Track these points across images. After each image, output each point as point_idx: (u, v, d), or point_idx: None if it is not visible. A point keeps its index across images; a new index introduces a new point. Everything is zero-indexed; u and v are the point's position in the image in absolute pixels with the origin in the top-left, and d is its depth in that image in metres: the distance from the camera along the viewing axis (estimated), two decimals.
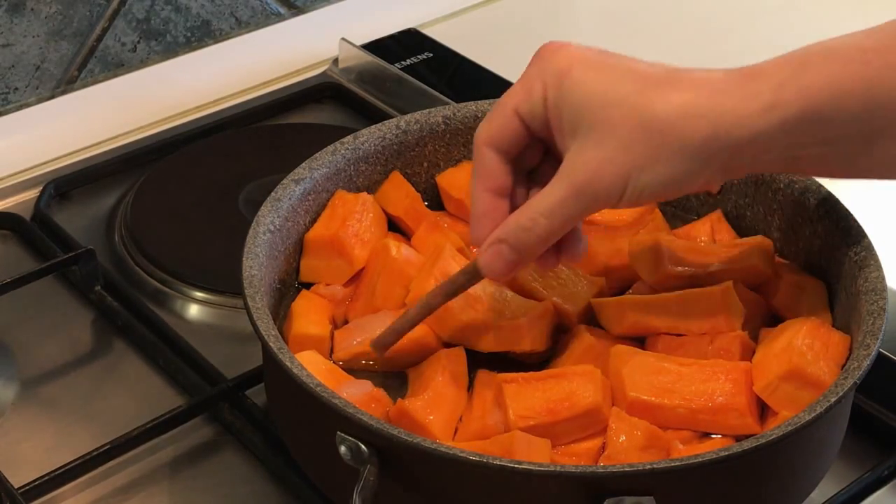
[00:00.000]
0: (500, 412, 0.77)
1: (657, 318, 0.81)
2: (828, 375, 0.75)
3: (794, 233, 0.86)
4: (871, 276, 0.78)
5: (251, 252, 0.80)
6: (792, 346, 0.76)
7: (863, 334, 0.75)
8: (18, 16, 1.17)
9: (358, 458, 0.70)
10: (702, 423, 0.76)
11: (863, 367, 0.72)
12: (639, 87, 0.71)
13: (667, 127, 0.70)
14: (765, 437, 0.69)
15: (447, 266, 0.83)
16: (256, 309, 0.76)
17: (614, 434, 0.75)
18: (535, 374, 0.78)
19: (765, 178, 0.87)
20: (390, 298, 0.84)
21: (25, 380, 0.93)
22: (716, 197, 0.90)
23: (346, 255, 0.87)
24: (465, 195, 0.91)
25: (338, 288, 0.87)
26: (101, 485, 0.85)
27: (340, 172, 0.90)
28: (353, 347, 0.83)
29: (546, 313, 0.82)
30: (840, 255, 0.82)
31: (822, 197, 0.84)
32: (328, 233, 0.87)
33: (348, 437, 0.70)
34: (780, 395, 0.75)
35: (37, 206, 1.07)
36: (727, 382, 0.76)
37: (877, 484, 0.84)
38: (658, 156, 0.70)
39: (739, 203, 0.89)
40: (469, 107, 0.93)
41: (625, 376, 0.77)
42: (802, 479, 0.76)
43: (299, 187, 0.87)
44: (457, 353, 0.81)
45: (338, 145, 0.90)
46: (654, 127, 0.70)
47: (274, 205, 0.84)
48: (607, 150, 0.71)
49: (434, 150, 0.93)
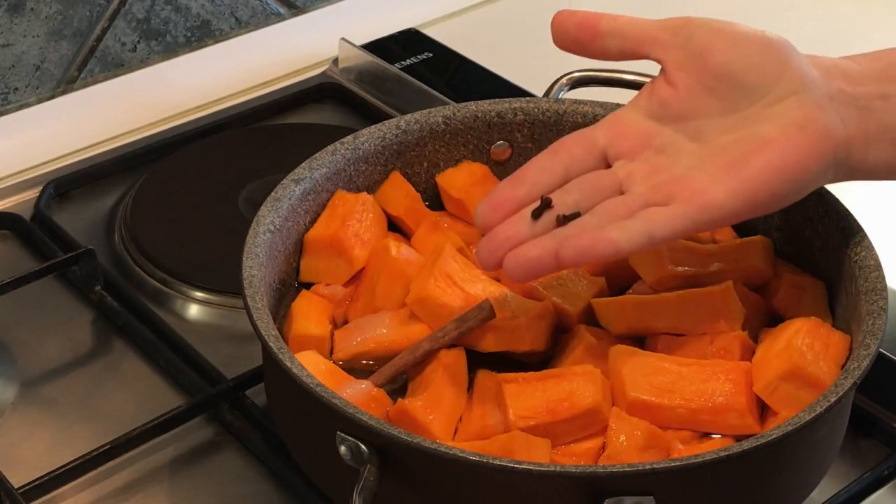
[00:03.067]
0: (500, 412, 0.77)
1: (657, 318, 0.81)
2: (828, 375, 0.75)
3: (794, 232, 0.86)
4: (870, 276, 0.78)
5: (251, 252, 0.80)
6: (792, 345, 0.76)
7: (863, 334, 0.75)
8: (18, 16, 1.17)
9: (358, 458, 0.70)
10: (702, 423, 0.76)
11: (863, 367, 0.72)
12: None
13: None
14: (765, 436, 0.69)
15: (447, 266, 0.83)
16: (256, 309, 0.76)
17: (614, 434, 0.75)
18: (535, 374, 0.78)
19: None
20: (390, 298, 0.84)
21: (25, 380, 0.93)
22: None
23: (345, 255, 0.87)
24: (465, 195, 0.91)
25: (338, 288, 0.87)
26: (101, 485, 0.85)
27: (340, 172, 0.89)
28: (352, 347, 0.83)
29: (546, 313, 0.82)
30: (840, 255, 0.82)
31: (822, 196, 0.84)
32: (328, 233, 0.87)
33: (348, 437, 0.70)
34: (779, 395, 0.75)
35: (37, 206, 1.07)
36: (727, 382, 0.76)
37: (877, 484, 0.84)
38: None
39: None
40: (469, 107, 0.93)
41: (625, 376, 0.77)
42: (803, 478, 0.76)
43: (299, 187, 0.87)
44: (456, 354, 0.81)
45: (338, 145, 0.90)
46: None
47: (274, 205, 0.84)
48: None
49: (434, 149, 0.93)
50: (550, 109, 0.93)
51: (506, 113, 0.93)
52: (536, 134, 0.93)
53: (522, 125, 0.93)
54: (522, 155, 0.93)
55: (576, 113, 0.93)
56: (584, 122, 0.92)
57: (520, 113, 0.93)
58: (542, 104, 0.93)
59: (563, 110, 0.93)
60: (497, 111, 0.93)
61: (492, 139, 0.94)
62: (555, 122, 0.93)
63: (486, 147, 0.94)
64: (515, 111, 0.93)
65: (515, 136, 0.94)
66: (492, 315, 0.80)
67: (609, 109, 0.91)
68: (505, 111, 0.93)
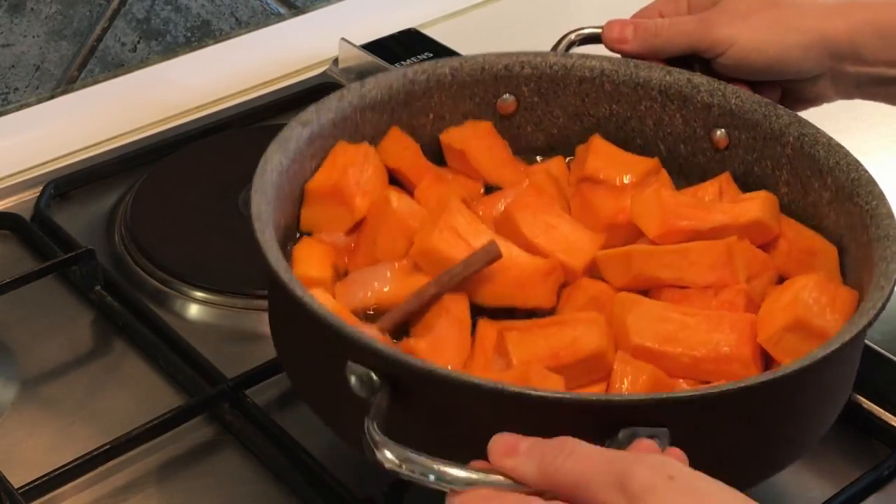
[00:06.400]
0: (503, 360, 0.75)
1: (661, 269, 0.80)
2: (834, 327, 0.74)
3: (803, 186, 0.86)
4: (882, 223, 0.77)
5: (259, 188, 0.78)
6: (798, 298, 0.75)
7: (877, 277, 0.74)
8: (18, 16, 1.17)
9: (369, 387, 0.68)
10: (705, 372, 0.75)
11: (877, 307, 0.71)
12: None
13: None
14: (783, 369, 0.68)
15: (452, 219, 0.81)
16: (265, 241, 0.74)
17: (618, 377, 0.74)
18: (537, 321, 0.77)
19: (773, 131, 0.87)
20: (391, 250, 0.83)
21: (25, 380, 0.93)
22: (724, 152, 0.90)
23: (346, 204, 0.85)
24: (468, 147, 0.91)
25: (340, 235, 0.85)
26: (101, 485, 0.85)
27: (347, 119, 0.88)
28: (354, 301, 0.81)
29: (553, 270, 0.81)
30: (850, 205, 0.81)
31: (832, 148, 0.83)
32: (329, 182, 0.85)
33: (359, 366, 0.68)
34: (784, 345, 0.74)
35: (37, 206, 1.07)
36: (732, 333, 0.75)
37: (877, 484, 0.84)
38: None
39: (747, 159, 0.89)
40: (476, 59, 0.92)
41: (629, 323, 0.76)
42: (815, 418, 0.75)
43: (306, 130, 0.85)
44: (459, 299, 0.79)
45: (344, 92, 0.88)
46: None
47: (282, 144, 0.83)
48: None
49: (440, 101, 0.92)
50: (558, 63, 0.92)
51: (513, 66, 0.92)
52: (543, 88, 0.93)
53: (529, 79, 0.93)
54: (529, 109, 0.93)
55: (583, 67, 0.92)
56: (592, 76, 0.92)
57: (527, 66, 0.92)
58: (549, 58, 0.93)
59: (571, 64, 0.92)
60: (504, 64, 0.92)
61: (498, 92, 0.93)
62: (562, 77, 0.92)
63: (493, 100, 0.93)
64: (523, 64, 0.92)
65: (522, 89, 0.93)
66: (498, 255, 0.78)
67: (617, 64, 0.91)
68: (512, 64, 0.92)
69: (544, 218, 0.84)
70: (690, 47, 0.92)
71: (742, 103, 0.89)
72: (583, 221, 0.86)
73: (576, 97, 0.93)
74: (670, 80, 0.91)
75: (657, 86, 0.91)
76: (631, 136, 0.93)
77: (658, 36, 0.92)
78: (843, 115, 0.97)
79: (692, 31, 0.91)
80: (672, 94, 0.91)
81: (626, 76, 0.92)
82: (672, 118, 0.92)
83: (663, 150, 0.92)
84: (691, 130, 0.91)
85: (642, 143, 0.93)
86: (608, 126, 0.93)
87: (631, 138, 0.93)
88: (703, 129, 0.91)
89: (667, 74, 0.91)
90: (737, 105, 0.89)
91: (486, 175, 0.91)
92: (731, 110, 0.89)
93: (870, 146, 0.97)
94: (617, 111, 0.93)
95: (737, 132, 0.89)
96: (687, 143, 0.92)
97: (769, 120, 0.87)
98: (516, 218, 0.83)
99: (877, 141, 0.91)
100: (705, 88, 0.90)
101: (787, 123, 0.86)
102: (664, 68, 0.92)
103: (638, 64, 0.92)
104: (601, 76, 0.92)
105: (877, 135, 1.04)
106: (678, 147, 0.92)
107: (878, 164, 0.87)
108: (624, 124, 0.93)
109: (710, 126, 0.90)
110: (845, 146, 0.83)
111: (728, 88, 0.89)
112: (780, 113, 0.87)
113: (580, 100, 0.93)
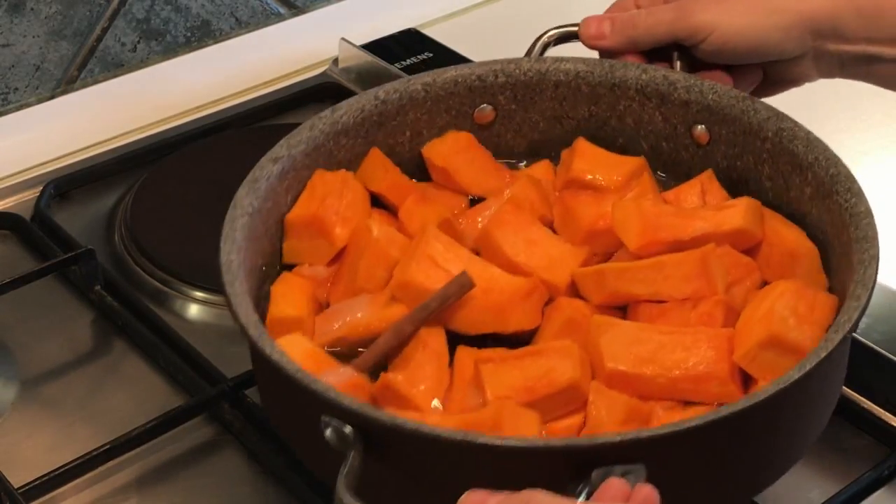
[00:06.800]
0: (479, 394, 0.75)
1: (637, 285, 0.79)
2: (811, 340, 0.72)
3: (785, 181, 0.85)
4: (861, 223, 0.76)
5: (229, 236, 0.78)
6: (773, 311, 0.74)
7: (854, 284, 0.73)
8: (18, 16, 1.17)
9: (343, 441, 0.68)
10: (683, 392, 0.74)
11: (853, 320, 0.70)
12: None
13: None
14: (753, 398, 0.67)
15: (430, 248, 0.81)
16: (235, 295, 0.74)
17: (594, 408, 0.73)
18: (513, 353, 0.76)
19: (752, 126, 0.86)
20: (372, 280, 0.82)
21: (25, 380, 0.93)
22: (706, 148, 0.89)
23: (326, 235, 0.84)
24: (449, 163, 0.90)
25: (320, 268, 0.85)
26: (101, 485, 0.85)
27: (320, 148, 0.87)
28: (332, 332, 0.81)
29: (533, 290, 0.80)
30: (830, 202, 0.80)
31: (811, 143, 0.83)
32: (307, 212, 0.85)
33: (332, 420, 0.68)
34: (760, 362, 0.73)
35: (37, 206, 1.07)
36: (709, 350, 0.74)
37: (877, 484, 0.84)
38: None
39: (729, 154, 0.88)
40: (448, 72, 0.91)
41: (603, 347, 0.75)
42: (795, 439, 0.74)
43: (277, 166, 0.84)
44: (436, 332, 0.79)
45: (315, 120, 0.87)
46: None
47: (251, 186, 0.82)
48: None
49: (416, 118, 0.91)
50: (532, 69, 0.92)
51: (486, 76, 0.92)
52: (519, 95, 0.92)
53: (504, 87, 0.92)
54: (507, 117, 0.92)
55: (558, 71, 0.91)
56: (567, 79, 0.91)
57: (500, 74, 0.92)
58: (523, 64, 0.92)
59: (545, 69, 0.92)
60: (477, 74, 0.92)
61: (474, 103, 0.92)
62: (537, 82, 0.92)
63: (469, 112, 0.92)
64: (496, 73, 0.92)
65: (498, 98, 0.92)
66: (471, 286, 0.78)
67: (592, 65, 0.91)
68: (486, 74, 0.92)
69: (525, 234, 0.83)
70: (670, 36, 0.91)
71: (719, 98, 0.88)
72: (565, 229, 0.85)
73: (553, 101, 0.92)
74: (646, 78, 0.90)
75: (633, 85, 0.91)
76: (612, 136, 0.92)
77: (636, 27, 0.91)
78: (843, 116, 0.98)
79: (671, 20, 0.90)
80: (649, 92, 0.90)
81: (601, 77, 0.91)
82: (651, 116, 0.91)
83: (646, 148, 0.92)
84: (672, 127, 0.91)
85: (624, 143, 0.92)
86: (589, 127, 0.93)
87: (613, 138, 0.92)
88: (683, 126, 0.90)
89: (643, 73, 0.90)
90: (714, 100, 0.88)
91: (469, 189, 0.90)
92: (708, 106, 0.88)
93: (870, 146, 0.97)
94: (596, 112, 0.92)
95: (717, 128, 0.88)
96: (669, 140, 0.91)
97: (747, 115, 0.86)
98: (496, 237, 0.83)
99: (877, 141, 0.91)
100: (682, 85, 0.89)
101: (765, 118, 0.85)
102: (640, 66, 0.91)
103: (613, 64, 0.91)
104: (577, 79, 0.91)
105: (877, 135, 1.04)
106: (660, 144, 0.92)
107: (878, 164, 0.87)
108: (604, 125, 0.93)
109: (690, 122, 0.90)
110: (845, 146, 0.83)
111: (705, 84, 0.89)
112: (757, 107, 0.86)
113: (558, 103, 0.93)
